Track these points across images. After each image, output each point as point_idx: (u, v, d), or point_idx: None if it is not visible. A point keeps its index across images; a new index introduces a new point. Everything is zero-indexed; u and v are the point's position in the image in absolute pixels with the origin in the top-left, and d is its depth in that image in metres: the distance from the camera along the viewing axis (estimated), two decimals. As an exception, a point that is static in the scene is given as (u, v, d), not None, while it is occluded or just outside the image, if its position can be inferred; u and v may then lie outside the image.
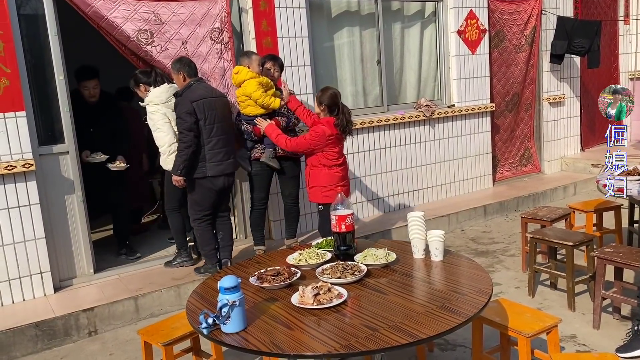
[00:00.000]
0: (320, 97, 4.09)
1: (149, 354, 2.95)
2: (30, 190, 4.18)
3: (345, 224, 2.72)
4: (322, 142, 4.06)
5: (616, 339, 3.39)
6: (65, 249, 4.48)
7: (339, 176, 4.20)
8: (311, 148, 4.09)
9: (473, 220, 6.18)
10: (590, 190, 7.17)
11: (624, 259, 3.39)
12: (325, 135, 4.04)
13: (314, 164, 4.17)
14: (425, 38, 6.55)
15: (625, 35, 8.74)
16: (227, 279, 2.07)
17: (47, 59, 4.34)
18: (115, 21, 4.26)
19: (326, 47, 5.87)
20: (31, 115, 4.23)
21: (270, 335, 2.03)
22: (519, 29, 7.16)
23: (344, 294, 2.29)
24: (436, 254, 2.69)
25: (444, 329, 1.97)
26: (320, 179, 4.15)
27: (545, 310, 3.80)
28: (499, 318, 2.81)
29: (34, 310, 4.03)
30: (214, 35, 4.69)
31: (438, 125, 6.51)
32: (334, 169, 4.16)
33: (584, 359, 2.39)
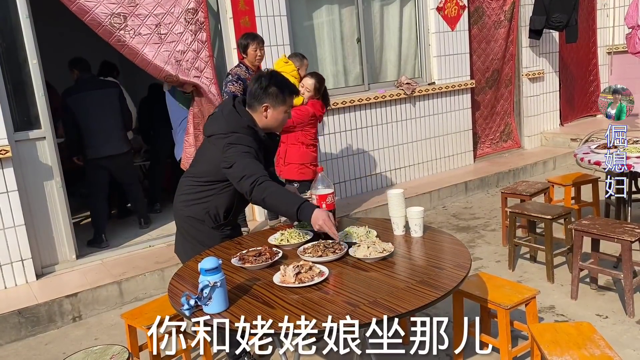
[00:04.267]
0: (316, 82, 4.29)
1: (134, 338, 2.96)
2: (8, 177, 4.12)
3: (326, 203, 2.73)
4: (305, 120, 4.24)
5: (593, 309, 3.48)
6: (46, 235, 4.44)
7: (313, 156, 4.42)
8: (294, 125, 4.18)
9: (454, 196, 6.24)
10: (569, 164, 7.28)
11: (600, 230, 3.46)
12: (309, 114, 4.25)
13: (292, 141, 4.29)
14: (404, 15, 6.52)
15: (603, 9, 8.79)
16: (207, 260, 2.07)
17: (19, 43, 4.25)
18: (87, 5, 4.16)
19: (305, 25, 5.82)
20: (5, 101, 4.15)
21: (252, 314, 2.04)
22: (497, 4, 7.16)
23: (325, 272, 2.30)
24: (416, 231, 2.71)
25: (423, 303, 2.00)
26: (298, 156, 4.30)
27: (525, 282, 3.87)
28: (479, 291, 2.87)
29: (17, 298, 4.01)
30: (189, 17, 4.60)
31: (419, 103, 6.52)
32: (310, 148, 4.37)
33: (560, 328, 2.45)
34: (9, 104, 4.21)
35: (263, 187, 2.52)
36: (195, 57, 4.70)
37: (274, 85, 2.69)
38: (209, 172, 2.77)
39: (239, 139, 2.66)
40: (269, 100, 2.69)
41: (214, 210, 2.81)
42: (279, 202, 2.57)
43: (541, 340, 2.34)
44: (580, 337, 2.33)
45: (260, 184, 2.53)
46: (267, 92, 2.68)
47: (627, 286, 3.33)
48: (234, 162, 2.60)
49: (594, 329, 2.40)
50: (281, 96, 2.70)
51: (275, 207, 2.72)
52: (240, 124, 2.70)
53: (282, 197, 2.57)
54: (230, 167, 2.61)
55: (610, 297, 3.63)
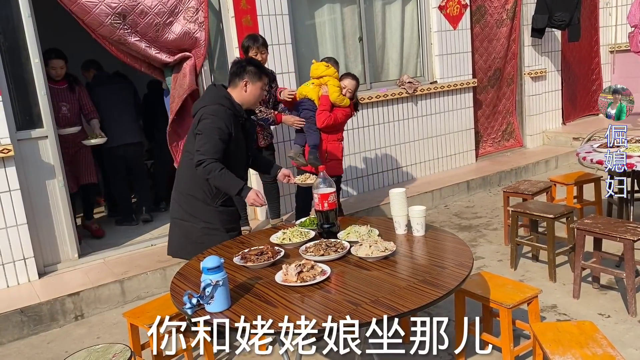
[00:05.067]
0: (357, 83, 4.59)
1: (136, 336, 2.96)
2: (10, 176, 4.13)
3: (327, 202, 2.74)
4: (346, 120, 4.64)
5: (595, 308, 3.48)
6: (48, 234, 4.44)
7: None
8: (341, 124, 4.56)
9: (456, 195, 6.24)
10: (571, 163, 7.27)
11: (603, 229, 3.45)
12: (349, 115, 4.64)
13: (332, 139, 4.50)
14: (406, 14, 6.51)
15: (606, 8, 8.77)
16: (209, 259, 2.08)
17: (21, 42, 4.25)
18: (88, 4, 4.15)
19: (307, 24, 5.81)
20: (7, 100, 4.16)
21: (254, 313, 2.04)
22: (500, 3, 7.15)
23: (327, 271, 2.31)
24: (418, 230, 2.71)
25: (425, 302, 2.00)
26: (338, 152, 4.57)
27: (527, 281, 3.87)
28: (481, 290, 2.87)
29: (19, 297, 4.02)
30: (188, 15, 4.59)
31: (421, 102, 6.52)
32: (342, 144, 4.66)
33: (563, 327, 2.44)
34: (11, 102, 4.21)
35: (208, 169, 2.91)
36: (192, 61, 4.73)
37: (252, 65, 3.14)
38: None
39: (216, 111, 3.00)
40: (248, 77, 3.09)
41: (206, 185, 3.05)
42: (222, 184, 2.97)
43: (543, 340, 2.34)
44: (582, 336, 2.32)
45: (206, 166, 2.91)
46: (246, 69, 3.10)
47: (629, 285, 3.32)
48: (201, 133, 2.98)
49: (596, 328, 2.40)
50: (258, 73, 3.12)
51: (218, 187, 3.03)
52: (219, 94, 3.09)
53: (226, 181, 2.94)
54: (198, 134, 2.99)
55: (613, 296, 3.63)
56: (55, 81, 4.79)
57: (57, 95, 4.75)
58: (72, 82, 4.97)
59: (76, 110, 4.97)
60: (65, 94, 4.88)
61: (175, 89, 4.76)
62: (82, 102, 5.04)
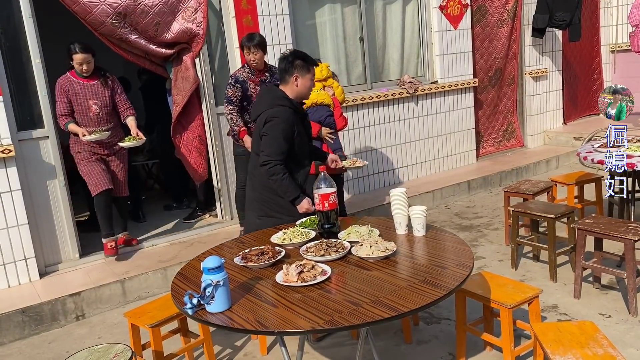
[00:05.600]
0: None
1: (137, 336, 2.97)
2: (11, 176, 4.14)
3: (328, 202, 2.74)
4: None
5: (596, 308, 3.47)
6: (49, 234, 4.45)
7: None
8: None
9: (457, 195, 6.24)
10: (572, 163, 7.27)
11: (603, 229, 3.45)
12: None
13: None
14: (407, 14, 6.52)
15: (606, 7, 8.76)
16: (210, 259, 2.08)
17: (22, 42, 4.26)
18: (89, 5, 4.16)
19: (308, 24, 5.81)
20: (8, 100, 4.17)
21: (255, 313, 2.04)
22: (500, 3, 7.15)
23: (328, 271, 2.31)
24: (418, 230, 2.71)
25: (426, 302, 1.99)
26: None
27: (528, 281, 3.87)
28: (482, 290, 2.86)
29: (20, 296, 4.02)
30: (187, 15, 4.60)
31: (421, 102, 6.52)
32: None
33: (563, 327, 2.44)
34: (12, 103, 4.22)
35: (272, 171, 3.11)
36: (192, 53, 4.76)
37: (299, 59, 3.23)
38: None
39: (278, 113, 3.16)
40: (297, 71, 3.21)
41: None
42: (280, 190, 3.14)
43: (544, 340, 2.34)
44: (583, 336, 2.32)
45: (270, 168, 3.11)
46: (294, 64, 3.21)
47: (630, 285, 3.32)
48: (266, 135, 3.17)
49: (597, 328, 2.40)
50: (306, 66, 3.24)
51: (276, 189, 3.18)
52: (276, 95, 3.24)
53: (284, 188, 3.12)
54: (263, 135, 3.18)
55: (613, 296, 3.62)
56: (84, 77, 4.38)
57: (87, 93, 4.37)
58: (105, 77, 4.50)
59: (110, 108, 4.51)
60: (97, 90, 4.43)
61: (178, 82, 4.78)
62: (117, 98, 4.58)
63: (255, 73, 4.48)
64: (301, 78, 3.22)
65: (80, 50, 4.23)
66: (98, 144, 4.44)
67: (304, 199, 3.14)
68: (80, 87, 4.33)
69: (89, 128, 4.36)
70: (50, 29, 5.14)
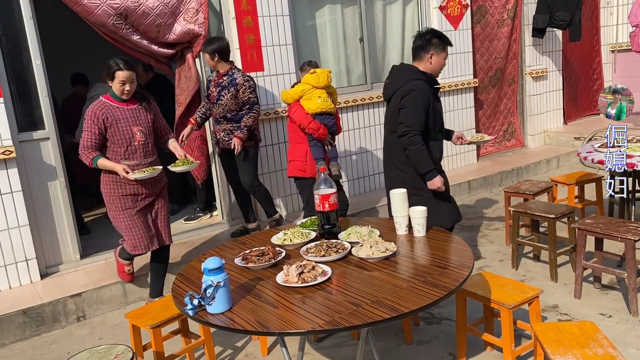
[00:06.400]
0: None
1: (138, 337, 2.97)
2: (12, 177, 4.14)
3: (328, 203, 2.74)
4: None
5: (596, 308, 3.48)
6: (50, 235, 4.46)
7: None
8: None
9: (458, 195, 6.23)
10: (573, 163, 7.27)
11: (604, 229, 3.45)
12: None
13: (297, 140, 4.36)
14: (407, 14, 6.52)
15: (606, 7, 8.76)
16: (210, 260, 2.08)
17: (23, 44, 4.26)
18: (90, 5, 4.17)
19: (308, 25, 5.82)
20: (9, 102, 4.17)
21: (255, 314, 2.05)
22: (500, 3, 7.15)
23: (328, 271, 2.31)
24: (419, 230, 2.72)
25: (426, 303, 2.00)
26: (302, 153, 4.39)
27: (529, 281, 3.87)
28: (482, 291, 2.87)
29: (21, 297, 4.03)
30: (188, 16, 4.62)
31: (422, 102, 6.51)
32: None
33: (564, 327, 2.44)
34: (13, 104, 4.22)
35: (411, 140, 3.29)
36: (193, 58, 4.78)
37: (436, 37, 3.41)
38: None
39: (416, 86, 3.33)
40: (433, 49, 3.39)
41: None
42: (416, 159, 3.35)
43: (544, 340, 2.34)
44: (583, 336, 2.32)
45: (410, 137, 3.29)
46: (431, 42, 3.39)
47: (631, 285, 3.32)
48: (404, 107, 3.32)
49: (597, 328, 2.40)
50: (442, 44, 3.41)
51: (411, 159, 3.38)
52: (411, 70, 3.43)
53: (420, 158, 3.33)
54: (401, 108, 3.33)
55: (614, 296, 3.62)
56: (123, 101, 3.55)
57: (129, 119, 3.54)
58: (146, 99, 3.71)
59: (153, 135, 3.74)
60: (139, 115, 3.60)
61: (182, 81, 4.82)
62: (158, 122, 3.77)
63: (218, 75, 4.58)
64: (436, 56, 3.40)
65: (125, 66, 3.44)
66: (141, 183, 3.59)
67: (437, 176, 3.35)
68: (121, 113, 3.52)
69: (132, 161, 3.53)
70: (50, 29, 5.14)
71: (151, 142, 3.66)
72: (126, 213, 3.58)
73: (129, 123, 3.53)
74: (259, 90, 5.23)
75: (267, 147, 5.39)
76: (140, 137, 3.56)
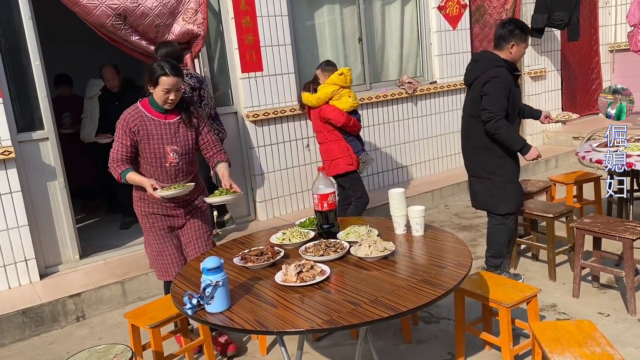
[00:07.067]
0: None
1: (137, 337, 2.97)
2: (11, 177, 4.14)
3: (327, 203, 2.74)
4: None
5: (595, 307, 3.48)
6: (49, 235, 4.46)
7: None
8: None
9: (457, 195, 6.24)
10: (571, 162, 7.28)
11: (602, 229, 3.46)
12: None
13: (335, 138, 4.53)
14: (406, 14, 6.52)
15: (605, 7, 8.77)
16: (209, 259, 2.09)
17: (22, 44, 4.27)
18: (89, 6, 4.18)
19: (307, 25, 5.82)
20: (8, 102, 4.18)
21: (254, 313, 2.05)
22: (499, 3, 7.16)
23: (327, 271, 2.32)
24: (417, 229, 2.72)
25: (424, 302, 2.00)
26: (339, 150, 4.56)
27: (527, 281, 3.88)
28: (480, 290, 2.87)
29: (21, 298, 4.03)
30: (187, 16, 4.62)
31: (421, 102, 6.53)
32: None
33: (561, 326, 2.45)
34: (12, 105, 4.22)
35: (497, 125, 3.45)
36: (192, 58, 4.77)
37: (518, 28, 3.56)
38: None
39: (498, 73, 3.50)
40: (514, 39, 3.54)
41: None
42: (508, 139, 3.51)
43: (542, 339, 2.35)
44: (581, 335, 2.33)
45: (495, 122, 3.45)
46: (513, 33, 3.54)
47: (629, 284, 3.33)
48: (487, 94, 3.49)
49: (594, 327, 2.41)
50: (524, 35, 3.57)
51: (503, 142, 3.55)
52: (492, 57, 3.60)
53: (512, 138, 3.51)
54: (484, 95, 3.50)
55: (612, 295, 3.63)
56: (162, 112, 3.02)
57: (164, 135, 3.01)
58: (189, 112, 3.10)
59: (192, 155, 3.15)
60: (177, 131, 3.04)
61: None
62: (203, 139, 3.17)
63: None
64: (517, 46, 3.55)
65: (172, 71, 2.91)
66: (173, 201, 3.12)
67: (532, 147, 3.55)
68: (156, 127, 2.99)
69: (163, 182, 3.04)
70: (49, 30, 5.15)
71: (187, 163, 3.10)
72: (154, 235, 3.13)
73: (162, 141, 2.99)
74: (258, 90, 5.24)
75: (266, 147, 5.39)
76: (173, 158, 3.02)
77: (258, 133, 5.30)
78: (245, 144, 5.30)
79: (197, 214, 3.23)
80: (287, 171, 5.53)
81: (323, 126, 4.48)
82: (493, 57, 3.59)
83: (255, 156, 5.31)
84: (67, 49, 6.84)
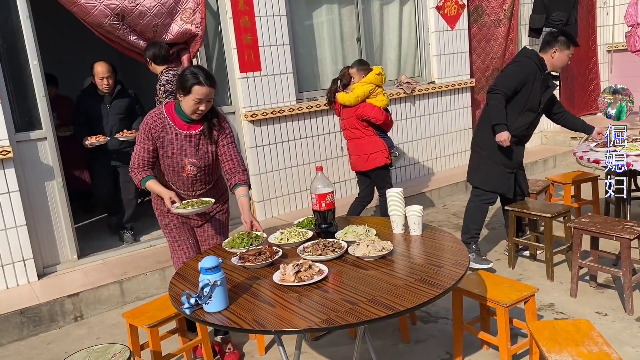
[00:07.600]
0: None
1: (135, 337, 2.97)
2: (9, 177, 4.14)
3: (325, 202, 2.75)
4: None
5: (592, 306, 3.49)
6: (47, 235, 4.46)
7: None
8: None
9: (455, 195, 6.25)
10: (569, 162, 7.29)
11: (600, 228, 3.47)
12: None
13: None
14: (404, 14, 6.53)
15: (603, 7, 8.78)
16: (207, 259, 2.09)
17: (20, 44, 4.26)
18: (87, 6, 4.18)
19: (305, 25, 5.82)
20: (6, 102, 4.17)
21: (252, 312, 2.06)
22: (497, 3, 7.16)
23: (325, 270, 2.32)
24: (415, 229, 2.73)
25: (422, 301, 2.01)
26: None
27: (525, 280, 3.89)
28: (478, 290, 2.88)
29: (19, 298, 4.03)
30: (185, 16, 4.62)
31: (419, 102, 6.53)
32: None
33: (559, 325, 2.46)
34: (10, 104, 4.22)
35: (494, 97, 3.76)
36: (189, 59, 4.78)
37: (563, 36, 3.84)
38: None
39: (523, 61, 3.84)
40: (557, 45, 3.83)
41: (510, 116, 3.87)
42: (492, 112, 3.80)
43: (540, 338, 2.35)
44: (578, 335, 2.34)
45: (494, 94, 3.76)
46: (557, 39, 3.83)
47: (626, 284, 3.34)
48: (502, 71, 3.96)
49: (592, 326, 2.41)
50: (567, 43, 3.82)
51: (489, 113, 3.84)
52: (529, 52, 3.95)
53: (496, 112, 3.77)
54: (501, 72, 4.01)
55: (610, 294, 3.64)
56: (187, 121, 2.89)
57: (183, 146, 2.91)
58: (211, 123, 2.93)
59: (212, 167, 3.03)
60: (198, 144, 2.92)
61: None
62: (222, 151, 2.99)
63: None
64: (559, 52, 3.82)
65: (206, 81, 2.76)
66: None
67: (505, 132, 3.72)
68: (176, 137, 2.89)
69: (179, 189, 3.02)
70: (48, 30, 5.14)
71: (206, 174, 3.01)
72: (173, 232, 3.11)
73: (181, 152, 2.89)
74: (256, 90, 5.24)
75: (264, 146, 5.39)
76: (191, 170, 2.93)
77: (256, 133, 5.31)
78: (244, 144, 5.30)
79: (213, 221, 3.19)
80: (286, 171, 5.53)
81: (359, 123, 4.58)
82: (530, 51, 3.93)
83: (253, 156, 5.31)
84: (67, 49, 6.85)
